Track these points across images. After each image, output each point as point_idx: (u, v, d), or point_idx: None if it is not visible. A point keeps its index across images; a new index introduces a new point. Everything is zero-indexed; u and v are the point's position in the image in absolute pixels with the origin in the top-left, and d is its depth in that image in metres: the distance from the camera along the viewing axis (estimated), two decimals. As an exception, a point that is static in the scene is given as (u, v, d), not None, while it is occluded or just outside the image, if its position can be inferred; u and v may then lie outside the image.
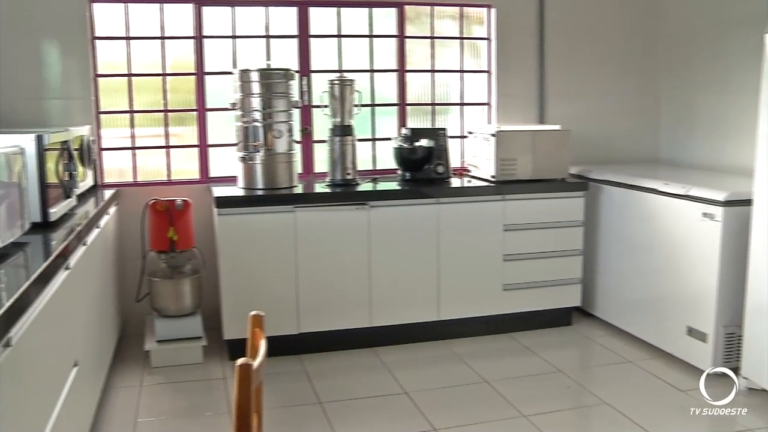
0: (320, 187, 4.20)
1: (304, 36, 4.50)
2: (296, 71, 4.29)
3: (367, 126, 4.68)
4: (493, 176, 4.26)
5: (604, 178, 4.38)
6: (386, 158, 4.61)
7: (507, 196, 4.20)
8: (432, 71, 4.80)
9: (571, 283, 4.40)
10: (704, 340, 3.58)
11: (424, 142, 4.31)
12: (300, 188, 4.13)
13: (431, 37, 4.77)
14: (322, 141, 4.37)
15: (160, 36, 4.30)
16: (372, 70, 4.67)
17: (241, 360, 1.42)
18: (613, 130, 5.06)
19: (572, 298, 4.43)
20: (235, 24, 4.40)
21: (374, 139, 4.73)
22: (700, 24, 4.69)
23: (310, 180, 4.42)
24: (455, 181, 4.40)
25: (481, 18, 4.85)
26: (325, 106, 4.24)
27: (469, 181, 4.40)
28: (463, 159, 4.83)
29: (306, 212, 3.91)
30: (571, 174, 4.47)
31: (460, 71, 4.86)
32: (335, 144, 4.19)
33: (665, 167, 4.81)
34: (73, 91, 4.13)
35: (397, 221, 4.05)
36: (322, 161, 4.48)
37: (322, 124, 4.41)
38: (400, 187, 4.23)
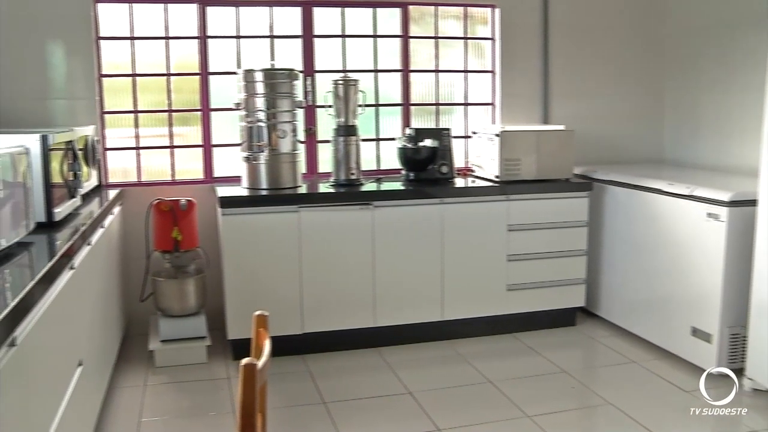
0: (324, 187, 4.20)
1: (308, 36, 4.50)
2: (300, 71, 4.30)
3: (371, 126, 4.68)
4: (497, 176, 4.26)
5: (608, 179, 4.37)
6: (390, 158, 4.61)
7: (511, 197, 4.20)
8: (436, 71, 4.80)
9: (576, 284, 4.39)
10: (709, 341, 3.57)
11: (428, 142, 4.30)
12: (304, 188, 4.13)
13: (435, 37, 4.77)
14: (326, 141, 4.37)
15: (164, 36, 4.31)
16: (376, 70, 4.67)
17: (246, 360, 1.42)
18: (618, 130, 5.05)
19: (576, 299, 4.43)
20: (239, 24, 4.40)
21: (378, 139, 4.72)
22: (705, 24, 4.68)
23: (314, 180, 4.43)
24: (459, 181, 4.40)
25: (485, 18, 4.84)
26: (329, 106, 4.24)
27: (473, 181, 4.39)
28: (467, 159, 4.82)
29: (310, 212, 3.91)
30: (575, 174, 4.47)
31: (464, 71, 4.86)
32: (339, 144, 4.19)
33: (670, 167, 4.80)
34: (78, 91, 4.14)
35: (401, 221, 4.05)
36: (326, 161, 4.48)
37: (326, 124, 4.41)
38: (404, 187, 4.23)
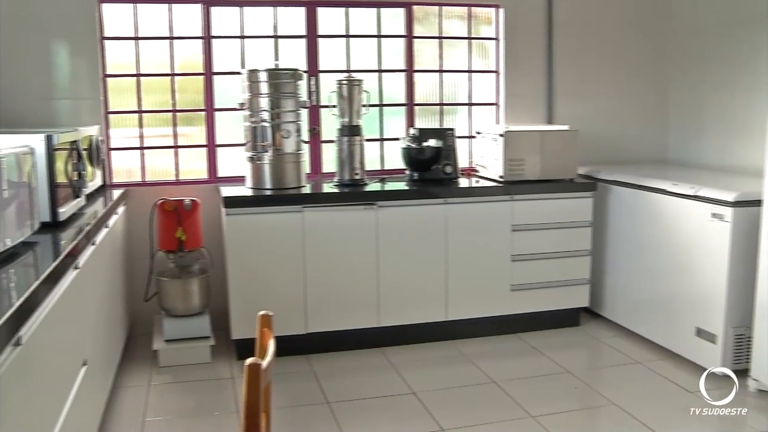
0: (328, 187, 4.20)
1: (312, 36, 4.50)
2: (304, 71, 4.30)
3: (375, 126, 4.68)
4: (501, 176, 4.25)
5: (612, 179, 4.37)
6: (394, 158, 4.61)
7: (515, 197, 4.20)
8: (440, 71, 4.79)
9: (580, 284, 4.39)
10: (713, 341, 3.57)
11: (432, 143, 4.30)
12: (308, 188, 4.13)
13: (439, 37, 4.77)
14: (330, 141, 4.37)
15: (168, 36, 4.31)
16: (380, 70, 4.67)
17: (250, 360, 1.42)
18: (622, 130, 5.05)
19: (580, 299, 4.42)
20: (243, 24, 4.40)
21: (382, 139, 4.72)
22: (710, 23, 4.66)
23: (318, 180, 4.43)
24: (463, 182, 4.39)
25: (490, 18, 4.84)
26: (333, 106, 4.25)
27: (477, 182, 4.39)
28: (471, 159, 4.82)
29: (314, 212, 3.91)
30: (579, 174, 4.46)
31: (468, 71, 4.85)
32: (343, 144, 4.20)
33: (674, 167, 4.79)
34: (82, 92, 4.15)
35: (405, 221, 4.05)
36: (330, 161, 4.48)
37: (330, 124, 4.41)
38: (408, 188, 4.23)
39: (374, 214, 3.99)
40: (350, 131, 4.19)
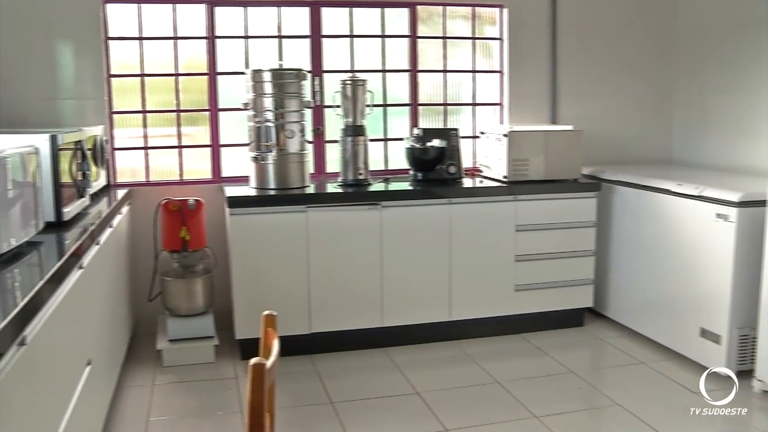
0: (332, 187, 4.20)
1: (316, 36, 4.50)
2: (308, 71, 4.30)
3: (379, 126, 4.68)
4: (505, 176, 4.25)
5: (616, 179, 4.36)
6: (398, 158, 4.61)
7: (519, 197, 4.19)
8: (444, 71, 4.79)
9: (584, 284, 4.38)
10: (718, 342, 3.56)
11: (436, 143, 4.30)
12: (312, 188, 4.14)
13: (443, 38, 4.76)
14: (334, 141, 4.37)
15: (172, 36, 4.32)
16: (384, 71, 4.67)
17: (255, 360, 1.42)
18: (626, 130, 5.04)
19: (584, 299, 4.42)
20: (247, 24, 4.40)
21: (386, 140, 4.72)
22: (714, 23, 4.66)
23: (322, 180, 4.43)
24: (467, 182, 4.39)
25: (494, 18, 4.84)
26: (337, 106, 4.25)
27: (481, 182, 4.39)
28: (475, 159, 4.81)
29: (318, 212, 3.91)
30: (583, 174, 4.45)
31: (472, 71, 4.85)
32: (347, 144, 4.20)
33: (678, 168, 4.78)
34: (87, 92, 4.16)
35: (409, 221, 4.05)
36: (334, 161, 4.48)
37: (334, 124, 4.41)
38: (412, 188, 4.23)
39: (378, 214, 3.99)
40: (354, 131, 4.19)
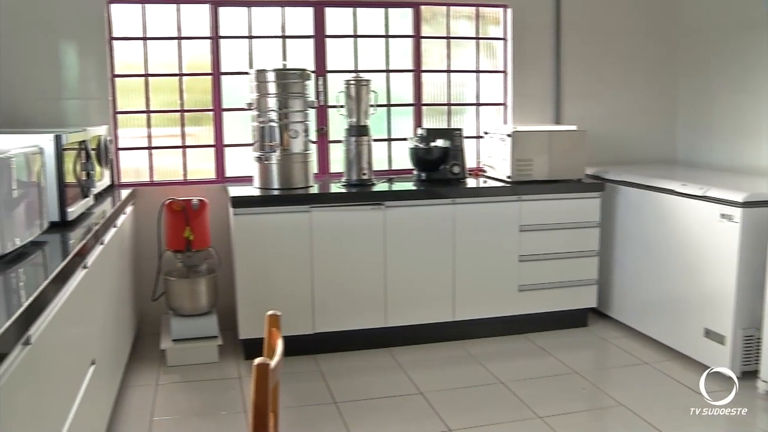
0: (336, 187, 4.20)
1: (320, 36, 4.51)
2: (312, 71, 4.30)
3: (383, 126, 4.68)
4: (508, 177, 4.25)
5: (620, 179, 4.35)
6: (402, 158, 4.61)
7: (523, 197, 4.19)
8: (448, 71, 4.79)
9: (587, 284, 4.38)
10: (722, 343, 3.55)
11: (439, 143, 4.30)
12: (316, 188, 4.14)
13: (447, 38, 4.76)
14: (338, 141, 4.37)
15: (176, 36, 4.32)
16: (388, 71, 4.67)
17: (259, 359, 1.42)
18: (630, 130, 5.03)
19: (588, 299, 4.41)
20: (251, 24, 4.41)
21: (390, 140, 4.72)
22: (719, 23, 4.65)
23: (326, 180, 4.43)
24: (471, 182, 4.39)
25: (497, 18, 4.83)
26: (341, 106, 4.25)
27: (485, 182, 4.38)
28: (479, 159, 4.81)
29: (321, 212, 3.91)
30: (587, 174, 4.45)
31: (476, 71, 4.84)
32: (351, 144, 4.20)
33: (682, 168, 4.77)
34: (91, 92, 4.16)
35: (413, 221, 4.04)
36: (337, 161, 4.48)
37: (338, 124, 4.41)
38: (415, 188, 4.23)
39: (382, 215, 3.99)
40: (358, 131, 4.19)
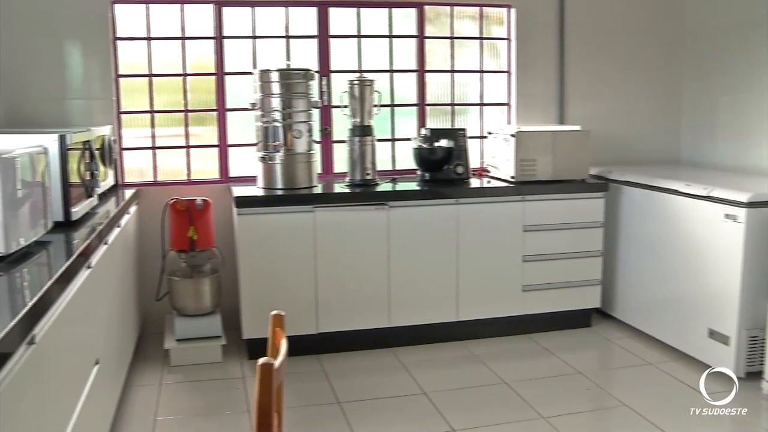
0: (339, 187, 4.20)
1: (323, 36, 4.51)
2: (316, 71, 4.30)
3: (387, 126, 4.68)
4: (512, 177, 4.24)
5: (624, 179, 4.34)
6: (406, 158, 4.61)
7: (527, 197, 4.19)
8: (451, 71, 4.79)
9: (591, 285, 4.37)
10: (726, 343, 3.54)
11: (443, 143, 4.30)
12: (319, 188, 4.14)
13: (451, 38, 4.76)
14: (342, 141, 4.38)
15: (180, 36, 4.33)
16: (391, 71, 4.67)
17: (263, 359, 1.42)
18: (634, 130, 5.02)
19: (592, 300, 4.40)
20: (255, 24, 4.41)
21: (394, 140, 4.72)
22: (723, 23, 4.64)
23: (330, 180, 4.43)
24: (475, 182, 4.38)
25: (501, 18, 4.83)
26: (345, 107, 4.25)
27: (489, 182, 4.38)
28: (483, 159, 4.81)
29: (325, 212, 3.91)
30: (591, 175, 4.44)
31: (480, 71, 4.84)
32: (355, 144, 4.20)
33: (687, 168, 4.76)
34: (95, 92, 4.17)
35: (417, 222, 4.04)
36: (341, 161, 4.48)
37: (342, 125, 4.42)
38: (419, 188, 4.23)
39: (385, 215, 3.99)
40: (362, 131, 4.19)
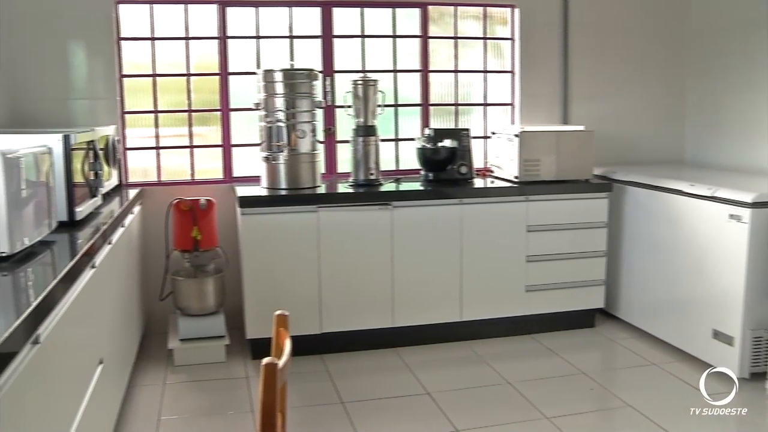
0: (343, 187, 4.21)
1: (327, 36, 4.51)
2: (320, 71, 4.30)
3: (391, 126, 4.68)
4: (516, 177, 4.24)
5: (628, 179, 4.34)
6: (409, 158, 4.61)
7: (530, 197, 4.18)
8: (455, 71, 4.78)
9: (595, 285, 4.36)
10: (731, 344, 3.53)
11: (447, 143, 4.29)
12: (323, 188, 4.14)
13: (454, 38, 4.76)
14: (346, 141, 4.38)
15: (184, 36, 4.33)
16: (395, 71, 4.67)
17: (267, 359, 1.42)
18: (638, 130, 5.01)
19: (595, 300, 4.40)
20: (258, 24, 4.41)
21: (397, 140, 4.72)
22: (727, 23, 4.63)
23: (333, 180, 4.43)
24: (478, 182, 4.38)
25: (505, 18, 4.82)
26: (349, 107, 4.25)
27: (493, 182, 4.38)
28: (487, 159, 4.80)
29: (329, 212, 3.91)
30: (595, 175, 4.44)
31: (484, 71, 4.84)
32: (358, 144, 4.20)
33: (691, 168, 4.75)
34: (99, 92, 4.18)
35: (420, 222, 4.04)
36: (345, 161, 4.48)
37: (346, 125, 4.42)
38: (423, 188, 4.22)
39: (389, 215, 3.99)
40: (365, 131, 4.19)
